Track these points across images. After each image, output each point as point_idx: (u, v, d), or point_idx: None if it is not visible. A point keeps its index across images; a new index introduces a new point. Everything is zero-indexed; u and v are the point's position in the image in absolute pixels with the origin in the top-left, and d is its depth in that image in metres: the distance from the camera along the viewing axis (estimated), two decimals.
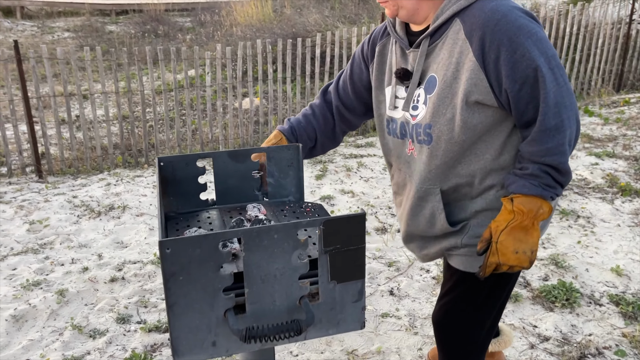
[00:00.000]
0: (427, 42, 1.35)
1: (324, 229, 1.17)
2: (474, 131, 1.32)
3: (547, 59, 1.23)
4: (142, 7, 16.60)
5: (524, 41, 1.22)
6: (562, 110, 1.24)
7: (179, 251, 1.10)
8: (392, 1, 1.34)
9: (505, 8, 1.24)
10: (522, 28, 1.22)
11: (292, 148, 1.71)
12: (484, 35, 1.24)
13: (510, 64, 1.23)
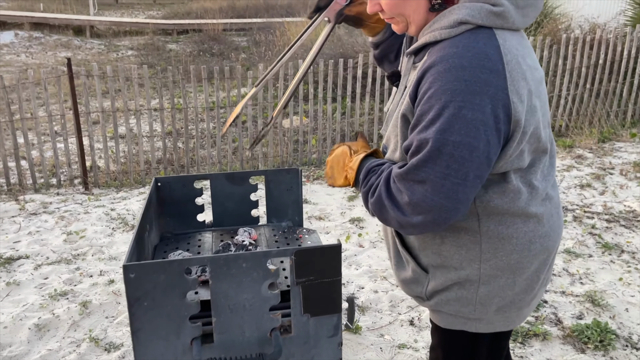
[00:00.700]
0: (412, 58, 1.22)
1: (296, 259, 1.13)
2: None
3: (445, 141, 1.03)
4: (202, 27, 17.22)
5: (442, 107, 1.03)
6: (424, 172, 1.06)
7: (143, 276, 1.08)
8: (401, 17, 1.18)
9: (456, 61, 1.04)
10: (450, 94, 1.03)
11: (291, 172, 1.68)
12: (421, 77, 1.09)
13: (418, 115, 1.08)
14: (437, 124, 1.03)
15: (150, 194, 1.53)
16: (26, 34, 16.98)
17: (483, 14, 1.07)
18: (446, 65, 1.04)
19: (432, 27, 1.13)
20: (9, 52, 15.22)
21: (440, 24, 1.10)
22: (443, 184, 1.04)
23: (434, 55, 1.08)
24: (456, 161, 1.03)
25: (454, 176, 1.03)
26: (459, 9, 1.09)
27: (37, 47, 15.95)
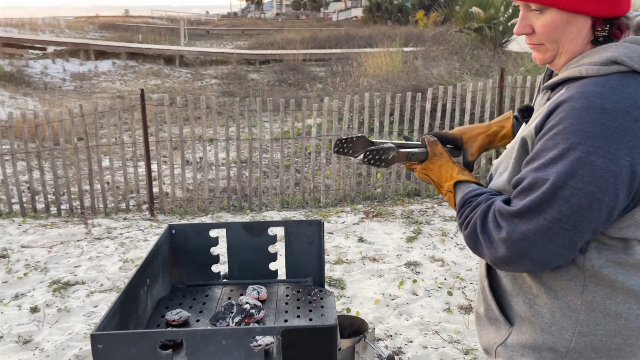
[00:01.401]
0: (548, 94, 1.07)
1: (283, 339, 0.98)
2: None
3: (568, 187, 0.90)
4: (283, 57, 17.68)
5: (570, 149, 0.90)
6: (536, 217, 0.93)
7: (112, 348, 0.98)
8: (553, 44, 1.02)
9: (597, 103, 0.91)
10: (583, 137, 0.90)
11: (313, 224, 1.55)
12: (552, 110, 0.96)
13: (540, 148, 0.95)
14: (559, 165, 0.91)
15: (160, 242, 1.45)
16: (122, 62, 18.27)
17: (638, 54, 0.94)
18: (584, 103, 0.91)
19: (579, 61, 0.99)
20: (105, 79, 16.40)
21: (590, 59, 0.97)
22: (550, 227, 0.92)
23: (573, 90, 0.95)
24: (571, 208, 0.91)
25: (565, 222, 0.91)
26: (616, 46, 0.96)
27: (131, 75, 17.07)
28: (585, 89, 0.93)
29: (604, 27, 0.98)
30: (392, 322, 2.96)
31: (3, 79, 14.67)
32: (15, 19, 31.71)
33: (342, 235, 4.23)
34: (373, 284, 3.39)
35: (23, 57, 18.41)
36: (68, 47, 19.82)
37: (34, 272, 3.68)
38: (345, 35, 24.03)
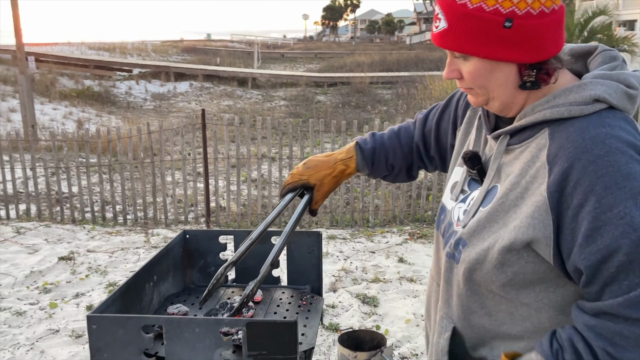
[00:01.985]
0: (507, 140, 1.02)
1: (248, 331, 1.10)
2: (511, 280, 0.97)
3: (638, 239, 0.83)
4: (350, 80, 18.00)
5: (629, 198, 0.84)
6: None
7: (104, 328, 1.13)
8: (482, 89, 1.00)
9: (616, 143, 0.87)
10: (631, 178, 0.84)
11: (312, 234, 1.65)
12: (570, 168, 0.88)
13: (596, 223, 0.86)
14: (626, 223, 0.83)
15: (172, 244, 1.61)
16: (199, 84, 19.33)
17: (619, 94, 0.94)
18: (603, 149, 0.86)
19: (552, 102, 0.95)
20: (182, 99, 17.43)
21: (568, 99, 0.93)
22: None
23: (574, 140, 0.89)
24: None
25: None
26: (593, 85, 0.93)
27: (206, 95, 18.02)
28: (589, 134, 0.89)
29: (530, 72, 0.95)
30: (419, 342, 2.98)
31: (91, 99, 15.96)
32: (107, 43, 34.33)
33: (383, 254, 4.28)
34: (406, 304, 3.41)
35: (111, 79, 19.94)
36: (151, 69, 21.22)
37: (95, 275, 4.01)
38: (415, 58, 24.12)
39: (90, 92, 16.70)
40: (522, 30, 0.90)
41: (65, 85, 17.98)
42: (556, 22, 0.93)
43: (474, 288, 1.03)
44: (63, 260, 4.24)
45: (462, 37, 0.93)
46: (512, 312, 0.99)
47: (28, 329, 3.22)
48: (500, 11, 0.90)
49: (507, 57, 0.92)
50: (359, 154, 1.36)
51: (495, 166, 1.03)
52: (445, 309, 1.12)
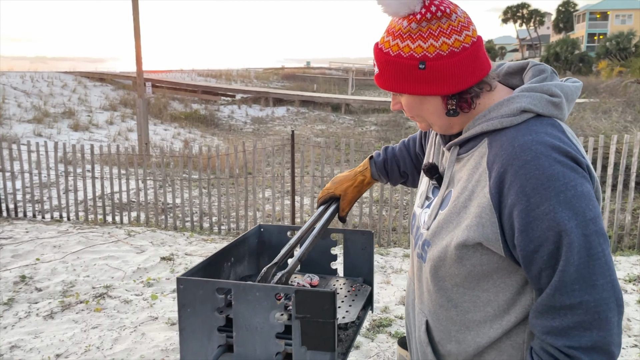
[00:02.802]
0: (457, 150, 1.17)
1: (296, 297, 1.37)
2: (469, 272, 1.11)
3: (584, 222, 0.97)
4: None
5: (551, 196, 0.98)
6: (585, 288, 0.99)
7: (188, 289, 1.46)
8: (419, 117, 1.17)
9: (541, 148, 0.99)
10: (553, 179, 0.98)
11: (366, 233, 1.90)
12: (505, 173, 1.01)
13: (527, 219, 0.99)
14: (567, 212, 0.97)
15: (249, 234, 1.93)
16: (295, 109, 20.23)
17: (544, 103, 1.07)
18: (530, 154, 1.00)
19: (487, 116, 1.09)
20: (279, 123, 18.34)
21: (499, 112, 1.08)
22: (605, 255, 0.99)
23: (506, 148, 1.03)
24: (600, 231, 0.99)
25: (606, 248, 0.99)
26: (520, 98, 1.07)
27: (301, 120, 18.82)
28: (518, 142, 1.02)
29: (452, 102, 1.09)
30: None
31: (197, 121, 17.29)
32: (215, 70, 36.84)
33: None
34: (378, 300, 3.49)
35: (216, 103, 21.45)
36: (252, 95, 22.54)
37: None
38: None
39: (196, 115, 18.10)
40: (435, 70, 1.07)
41: (176, 108, 19.63)
42: (469, 57, 1.07)
43: (440, 284, 1.18)
44: (164, 260, 4.78)
45: (390, 79, 1.11)
46: (474, 301, 1.14)
47: (132, 315, 3.71)
48: (414, 56, 1.07)
49: (428, 92, 1.09)
50: (372, 165, 1.61)
51: (449, 174, 1.18)
52: (419, 304, 1.29)
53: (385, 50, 1.11)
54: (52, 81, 23.15)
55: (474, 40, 1.09)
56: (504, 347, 1.14)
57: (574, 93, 1.15)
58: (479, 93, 1.12)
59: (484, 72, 1.11)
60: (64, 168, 6.77)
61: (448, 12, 1.09)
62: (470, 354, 1.18)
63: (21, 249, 5.08)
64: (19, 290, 4.13)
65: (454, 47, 1.07)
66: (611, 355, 1.01)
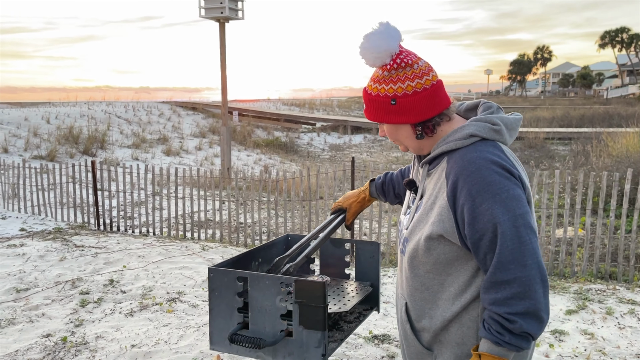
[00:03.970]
0: (427, 167, 1.50)
1: (295, 286, 1.73)
2: (436, 261, 1.42)
3: (514, 217, 1.28)
4: (524, 135, 17.54)
5: (490, 197, 1.28)
6: (518, 267, 1.28)
7: (216, 276, 1.86)
8: (398, 142, 1.53)
9: (482, 162, 1.31)
10: (491, 185, 1.29)
11: (373, 244, 2.22)
12: (457, 180, 1.34)
13: (472, 215, 1.30)
14: (501, 209, 1.27)
15: (277, 241, 2.31)
16: (372, 137, 20.64)
17: (487, 129, 1.40)
18: (474, 166, 1.31)
19: (446, 140, 1.42)
20: (356, 150, 18.81)
21: (454, 137, 1.40)
22: (531, 242, 1.28)
23: (457, 162, 1.35)
24: (528, 223, 1.29)
25: (532, 237, 1.29)
26: (469, 126, 1.40)
27: (377, 148, 19.17)
28: (466, 157, 1.34)
29: (419, 129, 1.43)
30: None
31: (278, 147, 18.17)
32: (299, 99, 38.21)
33: None
34: None
35: (297, 131, 22.37)
36: (331, 123, 23.25)
37: None
38: (603, 113, 22.34)
39: (277, 142, 19.04)
40: (403, 105, 1.42)
41: (259, 135, 20.73)
42: (429, 95, 1.41)
43: (415, 271, 1.51)
44: None
45: (373, 112, 1.48)
46: (442, 283, 1.46)
47: (197, 317, 4.21)
48: (388, 95, 1.43)
49: (399, 121, 1.44)
50: (372, 186, 2.00)
51: (422, 186, 1.52)
52: (400, 290, 1.62)
53: (369, 92, 1.50)
54: (150, 110, 25.28)
55: (433, 83, 1.43)
56: (464, 320, 1.45)
57: (514, 123, 1.49)
58: (439, 122, 1.46)
59: (443, 107, 1.45)
60: (153, 189, 7.58)
61: (410, 63, 1.45)
62: (439, 327, 1.49)
63: (112, 257, 5.82)
64: (107, 291, 4.79)
65: (416, 88, 1.41)
66: (540, 319, 1.29)
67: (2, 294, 4.72)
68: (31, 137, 16.36)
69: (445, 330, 1.48)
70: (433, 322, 1.50)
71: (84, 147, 15.94)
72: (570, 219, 5.84)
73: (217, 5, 12.06)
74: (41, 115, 20.24)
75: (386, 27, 1.45)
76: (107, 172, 7.86)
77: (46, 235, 6.98)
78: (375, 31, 1.44)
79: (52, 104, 29.75)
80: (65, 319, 4.18)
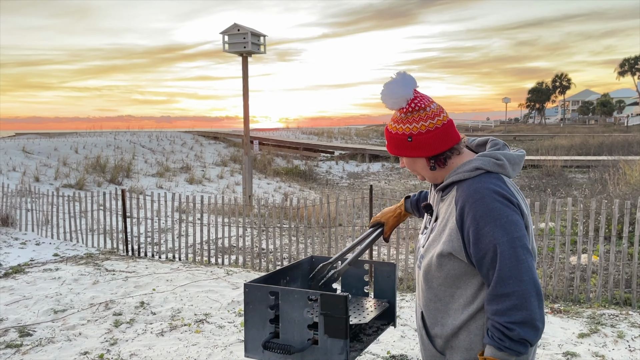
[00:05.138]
0: (440, 193, 1.73)
1: (321, 299, 1.98)
2: (447, 275, 1.63)
3: (512, 239, 1.48)
4: (541, 163, 17.62)
5: (491, 222, 1.49)
6: (516, 282, 1.48)
7: (251, 291, 2.12)
8: (416, 172, 1.77)
9: (485, 191, 1.53)
10: (493, 211, 1.50)
11: (389, 265, 2.47)
12: (464, 206, 1.55)
13: (476, 236, 1.51)
14: (501, 232, 1.47)
15: (303, 261, 2.56)
16: (390, 165, 20.90)
17: (491, 163, 1.62)
18: (478, 195, 1.54)
19: (456, 171, 1.64)
20: (374, 178, 19.04)
21: (463, 169, 1.63)
22: (527, 261, 1.49)
23: (464, 191, 1.57)
24: (524, 245, 1.50)
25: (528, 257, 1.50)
26: (476, 160, 1.63)
27: (395, 176, 19.39)
28: (473, 187, 1.57)
29: (432, 162, 1.67)
30: None
31: (297, 175, 18.51)
32: (318, 128, 38.75)
33: None
34: None
35: (315, 159, 22.74)
36: (349, 151, 23.57)
37: None
38: (622, 141, 22.30)
39: (297, 170, 19.39)
40: (418, 142, 1.66)
41: (279, 164, 21.13)
42: (441, 133, 1.65)
43: (429, 284, 1.74)
44: None
45: (393, 147, 1.73)
46: (452, 295, 1.69)
47: (224, 338, 4.44)
48: (405, 134, 1.68)
49: (415, 155, 1.69)
50: (407, 202, 2.22)
51: (436, 210, 1.77)
52: (418, 301, 1.85)
53: (390, 130, 1.77)
54: (173, 139, 25.94)
55: (444, 123, 1.71)
56: (471, 328, 1.66)
57: (517, 158, 1.73)
58: (450, 155, 1.70)
59: (454, 142, 1.69)
60: (179, 216, 7.91)
61: (423, 106, 1.71)
62: (450, 334, 1.71)
63: (142, 281, 6.11)
64: (139, 312, 5.06)
65: (429, 127, 1.68)
66: (536, 328, 1.49)
67: (40, 314, 5.02)
68: (61, 167, 16.97)
69: (455, 336, 1.70)
70: (444, 330, 1.72)
71: (111, 176, 16.48)
72: (584, 246, 5.98)
73: (240, 41, 12.60)
74: (69, 145, 20.98)
75: (402, 76, 1.72)
76: (135, 200, 8.23)
77: (78, 260, 7.33)
78: (393, 80, 1.71)
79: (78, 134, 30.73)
80: (101, 338, 4.46)
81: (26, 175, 15.41)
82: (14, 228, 9.54)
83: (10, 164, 16.29)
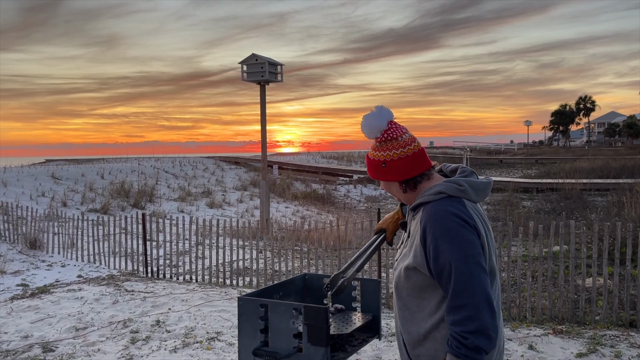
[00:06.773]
0: (412, 213, 1.91)
1: (304, 310, 2.21)
2: (413, 286, 1.82)
3: (465, 256, 1.67)
4: (560, 186, 17.54)
5: (447, 241, 1.68)
6: (469, 295, 1.65)
7: (244, 304, 2.36)
8: (392, 194, 1.98)
9: (444, 213, 1.72)
10: (450, 231, 1.70)
11: (374, 281, 2.68)
12: (426, 226, 1.75)
13: (435, 253, 1.70)
14: (455, 250, 1.65)
15: (296, 278, 2.79)
16: None
17: (453, 189, 1.80)
18: (438, 215, 1.73)
19: (423, 194, 1.83)
20: (391, 202, 19.13)
21: (429, 192, 1.82)
22: (479, 276, 1.68)
23: (427, 212, 1.76)
24: (477, 262, 1.68)
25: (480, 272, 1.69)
26: (439, 185, 1.81)
27: None
28: (434, 209, 1.75)
29: (403, 185, 1.88)
30: None
31: (315, 199, 18.75)
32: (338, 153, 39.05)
33: (516, 342, 4.74)
34: None
35: (334, 183, 22.98)
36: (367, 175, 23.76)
37: None
38: None
39: (315, 194, 19.64)
40: (391, 167, 1.87)
41: (298, 188, 21.43)
42: (412, 161, 1.85)
43: (399, 294, 1.94)
44: None
45: (371, 171, 1.95)
46: (418, 304, 1.88)
47: (234, 355, 4.65)
48: (380, 160, 1.90)
49: (390, 179, 1.91)
50: (403, 208, 2.37)
51: (409, 227, 1.98)
52: (394, 310, 2.05)
53: (369, 156, 2.01)
54: (196, 165, 26.53)
55: (415, 151, 1.92)
56: (437, 337, 1.85)
57: (481, 185, 1.91)
58: (420, 180, 1.90)
59: (424, 169, 1.90)
60: (197, 239, 8.21)
61: (396, 136, 1.94)
62: (416, 341, 1.91)
63: (159, 301, 6.39)
64: (154, 330, 5.32)
65: (400, 155, 1.91)
66: (489, 337, 1.66)
67: (63, 331, 5.33)
68: (87, 192, 17.57)
69: (421, 345, 1.90)
70: (412, 337, 1.92)
71: (134, 201, 16.98)
72: (588, 268, 6.05)
73: (258, 70, 13.06)
74: (96, 171, 21.68)
75: (379, 109, 1.97)
76: (156, 224, 8.57)
77: (101, 281, 7.66)
78: (371, 113, 1.96)
79: (105, 160, 31.64)
80: (118, 354, 4.72)
81: (54, 200, 16.00)
82: (41, 251, 9.97)
83: (40, 190, 16.93)
